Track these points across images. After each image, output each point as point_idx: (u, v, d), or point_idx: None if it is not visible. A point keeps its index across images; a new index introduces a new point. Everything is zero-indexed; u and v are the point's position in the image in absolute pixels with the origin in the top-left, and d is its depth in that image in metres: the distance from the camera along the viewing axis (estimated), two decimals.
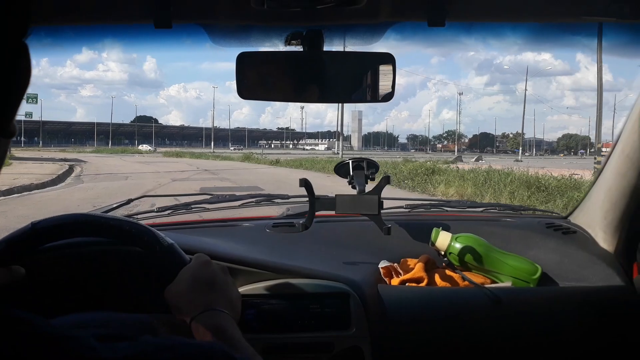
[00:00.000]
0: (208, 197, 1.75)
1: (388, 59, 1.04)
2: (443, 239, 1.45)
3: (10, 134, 0.46)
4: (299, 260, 1.33)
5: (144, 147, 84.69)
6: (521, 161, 37.77)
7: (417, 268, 1.39)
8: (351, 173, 1.45)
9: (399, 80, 1.04)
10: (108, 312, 1.00)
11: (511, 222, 1.66)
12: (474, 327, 1.27)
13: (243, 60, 1.02)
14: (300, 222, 1.37)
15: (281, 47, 1.03)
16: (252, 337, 1.17)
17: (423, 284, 1.37)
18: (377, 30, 1.08)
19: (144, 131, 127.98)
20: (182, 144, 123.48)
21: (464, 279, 1.40)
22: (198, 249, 1.23)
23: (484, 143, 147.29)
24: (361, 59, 1.08)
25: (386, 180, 1.31)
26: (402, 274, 1.39)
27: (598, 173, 1.53)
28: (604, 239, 1.50)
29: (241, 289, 1.21)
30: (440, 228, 1.49)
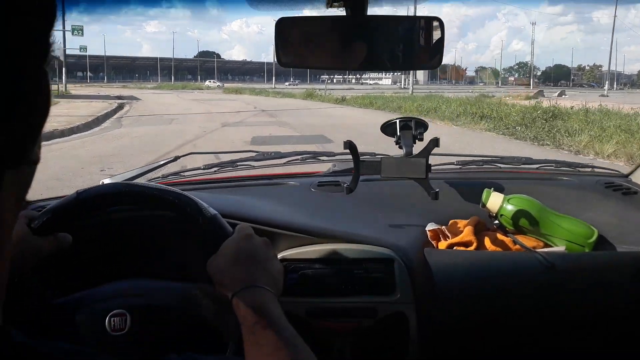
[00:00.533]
0: (254, 154, 1.74)
1: (436, 23, 0.97)
2: (494, 201, 1.39)
3: (35, 161, 0.45)
4: (343, 223, 1.31)
5: (212, 82, 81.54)
6: (607, 96, 34.66)
7: (466, 231, 1.35)
8: (398, 133, 1.40)
9: (466, 10, 0.94)
10: (152, 281, 1.02)
11: (568, 181, 1.58)
12: (524, 293, 1.23)
13: (283, 26, 0.97)
14: (346, 184, 1.34)
15: (323, 11, 0.97)
16: (294, 301, 1.18)
17: (472, 248, 1.33)
18: None
19: (206, 66, 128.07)
20: (244, 79, 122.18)
21: (515, 242, 1.36)
22: (241, 214, 1.22)
23: (557, 76, 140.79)
24: (408, 24, 1.02)
25: (435, 143, 1.26)
26: (450, 237, 1.36)
27: None
28: None
29: (284, 253, 1.21)
30: (492, 189, 1.43)
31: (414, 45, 1.02)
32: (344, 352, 1.18)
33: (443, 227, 1.38)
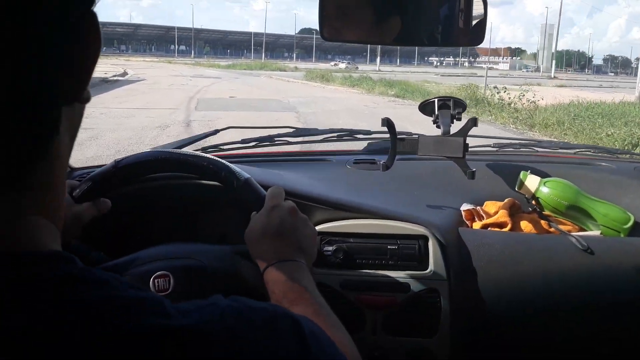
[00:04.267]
0: (291, 130, 1.76)
1: None
2: (530, 183, 1.40)
3: (86, 99, 0.48)
4: (379, 200, 1.33)
5: (342, 63, 70.31)
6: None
7: (500, 212, 1.36)
8: (436, 112, 1.41)
9: None
10: (193, 244, 1.05)
11: (605, 167, 1.57)
12: (558, 276, 1.23)
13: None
14: (382, 161, 1.36)
15: None
16: (329, 273, 1.21)
17: (506, 229, 1.33)
18: None
19: (304, 44, 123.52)
20: (345, 58, 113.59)
21: (550, 225, 1.36)
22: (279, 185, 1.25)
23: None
24: None
25: (473, 122, 1.26)
26: (484, 217, 1.37)
27: None
28: None
29: (320, 227, 1.24)
30: (529, 171, 1.43)
31: (458, 20, 1.02)
32: (376, 325, 1.20)
33: (478, 207, 1.39)
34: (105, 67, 32.15)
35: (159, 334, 0.42)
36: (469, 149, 1.36)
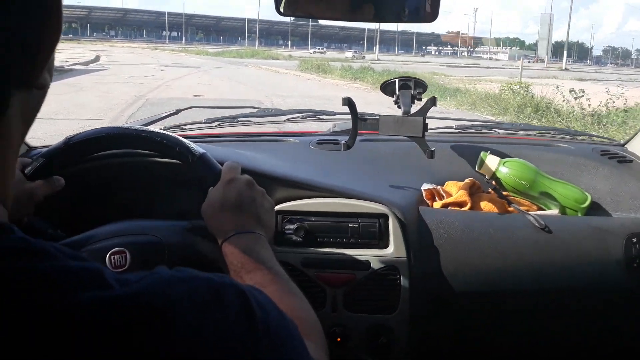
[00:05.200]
0: (255, 110, 1.75)
1: None
2: (490, 163, 1.41)
3: (42, 85, 0.47)
4: (341, 179, 1.33)
5: (348, 52, 66.03)
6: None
7: (460, 192, 1.37)
8: (397, 92, 1.41)
9: None
10: (149, 221, 1.04)
11: (564, 148, 1.59)
12: (516, 254, 1.25)
13: None
14: (343, 141, 1.36)
15: None
16: (290, 251, 1.21)
17: (466, 208, 1.35)
18: None
19: (299, 31, 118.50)
20: (342, 47, 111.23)
21: (509, 205, 1.38)
22: (240, 164, 1.24)
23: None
24: None
25: (432, 102, 1.26)
26: (445, 197, 1.38)
27: None
28: None
29: (281, 206, 1.23)
30: (489, 152, 1.44)
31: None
32: (336, 302, 1.20)
33: (438, 187, 1.40)
34: (81, 52, 30.13)
35: (98, 306, 0.41)
36: (431, 131, 1.37)
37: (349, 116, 1.35)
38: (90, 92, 13.30)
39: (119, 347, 0.40)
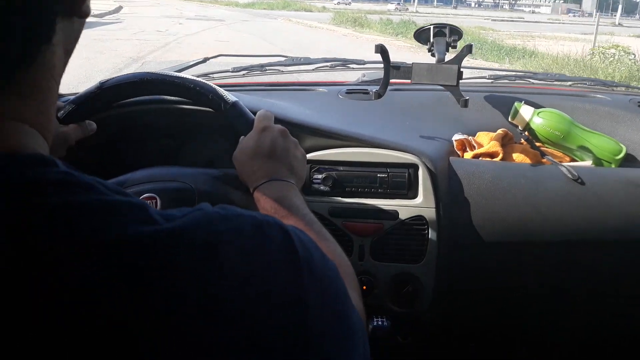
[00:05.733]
0: (283, 59, 1.73)
1: None
2: (524, 114, 1.38)
3: (85, 14, 0.48)
4: (370, 129, 1.31)
5: (390, 4, 56.90)
6: None
7: (492, 142, 1.35)
8: (431, 40, 1.38)
9: None
10: (181, 168, 1.04)
11: (600, 99, 1.55)
12: (548, 205, 1.23)
13: None
14: (374, 89, 1.34)
15: None
16: (318, 200, 1.21)
17: (498, 159, 1.33)
18: None
19: None
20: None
21: (542, 155, 1.35)
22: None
23: None
24: None
25: (468, 49, 1.23)
26: (476, 147, 1.36)
27: None
28: None
29: (310, 155, 1.22)
30: (522, 102, 1.41)
31: None
32: (363, 251, 1.21)
33: (470, 137, 1.38)
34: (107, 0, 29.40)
35: (144, 240, 0.41)
36: (463, 81, 1.34)
37: (379, 65, 1.33)
38: (80, 52, 11.05)
39: (165, 282, 0.40)
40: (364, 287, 1.23)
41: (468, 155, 1.35)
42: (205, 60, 1.73)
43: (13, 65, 0.43)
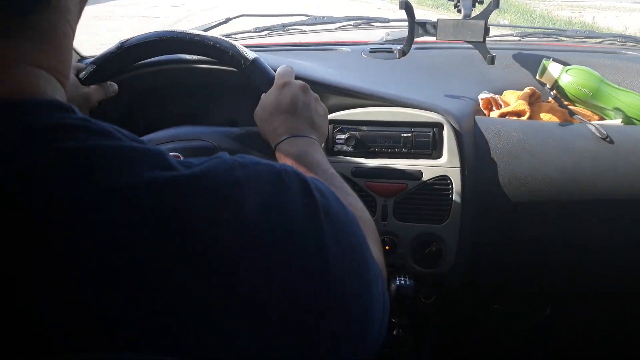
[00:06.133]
0: (306, 18, 1.70)
1: None
2: (552, 71, 1.34)
3: None
4: (394, 88, 1.29)
5: None
6: None
7: (519, 101, 1.32)
8: None
9: None
10: (203, 127, 1.04)
11: (632, 56, 1.50)
12: (575, 164, 1.21)
13: None
14: (399, 47, 1.31)
15: None
16: (341, 160, 1.20)
17: (524, 118, 1.30)
18: None
19: None
20: None
21: (570, 114, 1.32)
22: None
23: None
24: None
25: (496, 4, 1.20)
26: (503, 106, 1.33)
27: None
28: None
29: (332, 115, 1.21)
30: (551, 59, 1.37)
31: None
32: (386, 211, 1.21)
33: (496, 96, 1.35)
34: None
35: (162, 185, 0.41)
36: (490, 39, 1.30)
37: (403, 23, 1.30)
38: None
39: (184, 226, 0.40)
40: (387, 247, 1.23)
41: (494, 114, 1.32)
42: (227, 20, 1.71)
43: (27, 9, 0.43)
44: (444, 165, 1.19)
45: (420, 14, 1.31)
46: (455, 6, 1.35)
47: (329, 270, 0.46)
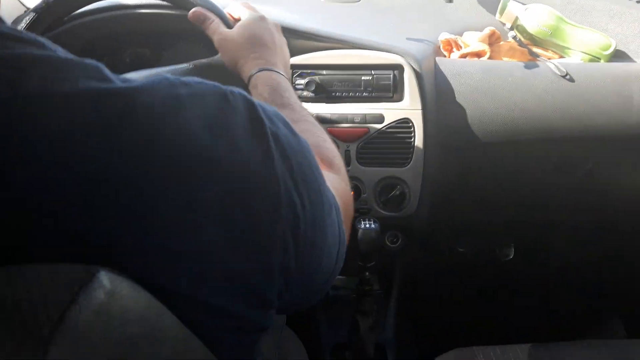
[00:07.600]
0: None
1: None
2: (512, 10, 1.33)
3: None
4: (354, 31, 1.26)
5: None
6: None
7: (479, 41, 1.31)
8: None
9: None
10: (156, 69, 1.01)
11: None
12: (536, 102, 1.20)
13: None
14: None
15: None
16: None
17: (485, 58, 1.29)
18: None
19: None
20: None
21: (530, 53, 1.32)
22: None
23: None
24: None
25: None
26: (463, 47, 1.32)
27: None
28: None
29: (291, 60, 1.19)
30: None
31: None
32: (350, 156, 1.20)
33: (457, 37, 1.34)
34: None
35: (96, 96, 0.39)
36: None
37: None
38: None
39: (122, 139, 0.38)
40: (352, 192, 1.22)
41: (455, 55, 1.31)
42: None
43: None
44: (406, 107, 1.18)
45: None
46: None
47: (279, 193, 0.44)
